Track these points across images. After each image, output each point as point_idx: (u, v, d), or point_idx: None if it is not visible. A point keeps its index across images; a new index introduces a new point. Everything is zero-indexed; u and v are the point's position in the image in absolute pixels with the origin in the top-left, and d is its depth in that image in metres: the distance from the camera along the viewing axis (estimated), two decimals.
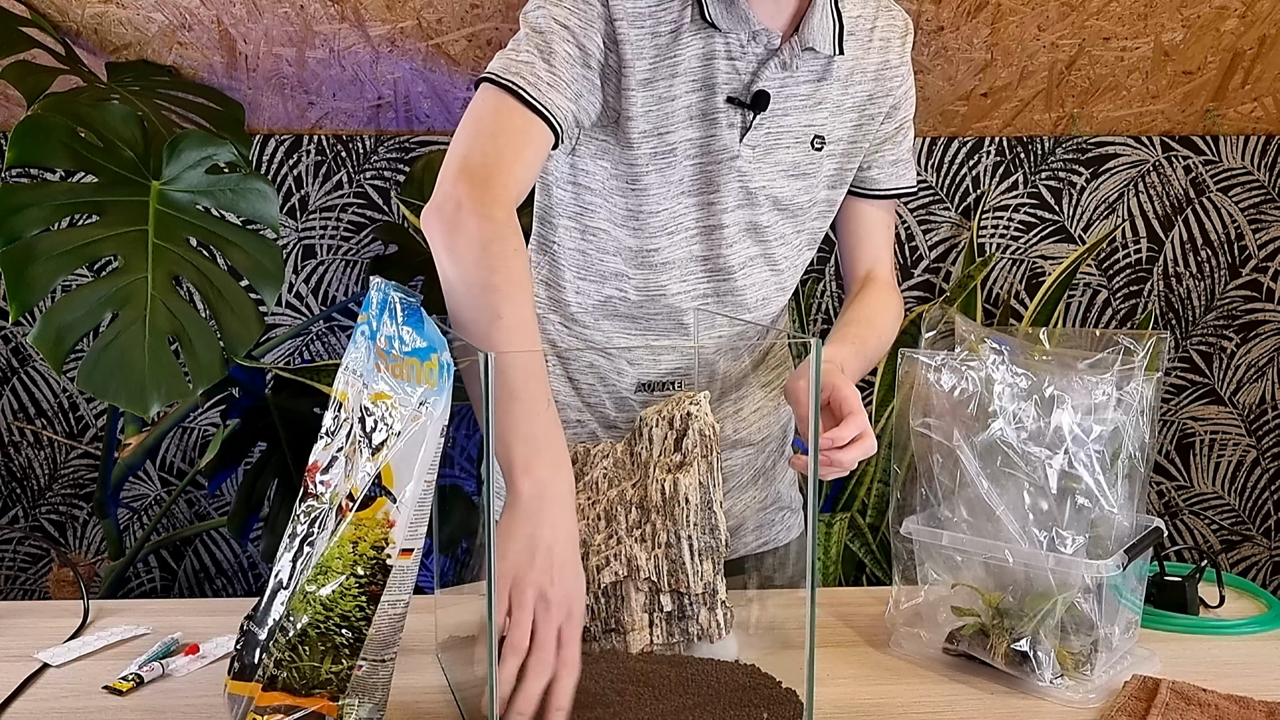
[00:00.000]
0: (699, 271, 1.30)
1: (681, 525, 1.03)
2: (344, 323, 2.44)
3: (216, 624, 1.21)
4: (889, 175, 1.37)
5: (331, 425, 1.01)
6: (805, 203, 1.31)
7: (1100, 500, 1.08)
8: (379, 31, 2.12)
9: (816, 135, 1.28)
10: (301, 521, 0.99)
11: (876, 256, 1.41)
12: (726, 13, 1.20)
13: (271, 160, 2.37)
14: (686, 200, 1.27)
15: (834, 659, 1.16)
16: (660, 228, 1.27)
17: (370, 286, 0.98)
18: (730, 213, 1.27)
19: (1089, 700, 1.07)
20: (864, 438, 1.12)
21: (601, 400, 1.35)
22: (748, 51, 1.22)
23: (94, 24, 2.09)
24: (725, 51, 1.22)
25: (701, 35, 1.21)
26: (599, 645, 1.05)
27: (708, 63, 1.22)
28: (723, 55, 1.22)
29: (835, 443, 1.10)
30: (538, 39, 1.17)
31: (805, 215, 1.32)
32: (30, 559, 2.50)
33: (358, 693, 0.93)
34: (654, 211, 1.26)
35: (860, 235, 1.40)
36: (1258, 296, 2.59)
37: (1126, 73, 2.30)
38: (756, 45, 1.22)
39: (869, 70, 1.30)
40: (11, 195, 1.68)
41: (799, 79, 1.26)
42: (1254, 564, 2.70)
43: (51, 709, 1.05)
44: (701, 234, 1.28)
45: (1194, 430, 2.64)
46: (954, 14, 2.14)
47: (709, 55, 1.22)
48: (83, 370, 1.61)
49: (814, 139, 1.28)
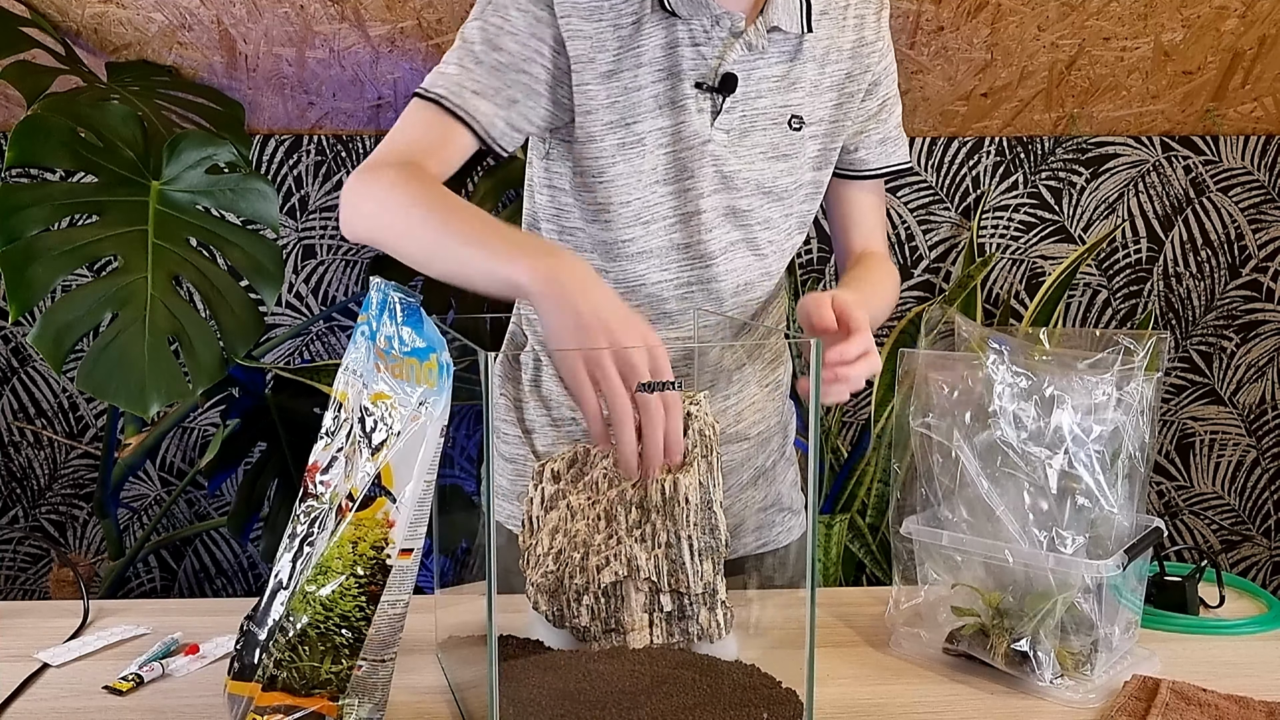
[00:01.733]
0: (679, 260, 1.29)
1: (681, 525, 1.03)
2: (344, 323, 2.44)
3: (216, 624, 1.21)
4: (877, 155, 1.37)
5: (331, 425, 1.01)
6: (790, 185, 1.30)
7: (1100, 500, 1.08)
8: (379, 31, 2.12)
9: (794, 115, 1.28)
10: (301, 521, 0.99)
11: (869, 237, 1.40)
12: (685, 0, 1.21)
13: (271, 160, 2.37)
14: (661, 189, 1.26)
15: (834, 659, 1.16)
16: (633, 218, 1.27)
17: (370, 287, 0.98)
18: (707, 198, 1.27)
19: (1089, 700, 1.07)
20: (870, 355, 1.12)
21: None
22: (712, 36, 1.23)
23: (94, 24, 2.09)
24: (689, 38, 1.23)
25: (663, 24, 1.22)
26: (599, 645, 1.05)
27: (671, 50, 1.23)
28: (686, 42, 1.23)
29: (843, 358, 1.11)
30: (464, 49, 1.20)
31: (791, 198, 1.31)
32: (30, 559, 2.50)
33: (358, 693, 0.93)
34: (625, 202, 1.26)
35: (854, 219, 1.40)
36: (1258, 296, 2.59)
37: (1126, 73, 2.30)
38: (720, 29, 1.23)
39: (845, 48, 1.30)
40: (11, 195, 1.68)
41: (770, 60, 1.26)
42: (1254, 564, 2.70)
43: (51, 709, 1.05)
44: (680, 221, 1.28)
45: (1194, 430, 2.64)
46: (954, 14, 2.14)
47: (672, 43, 1.23)
48: (83, 370, 1.61)
49: (791, 119, 1.28)
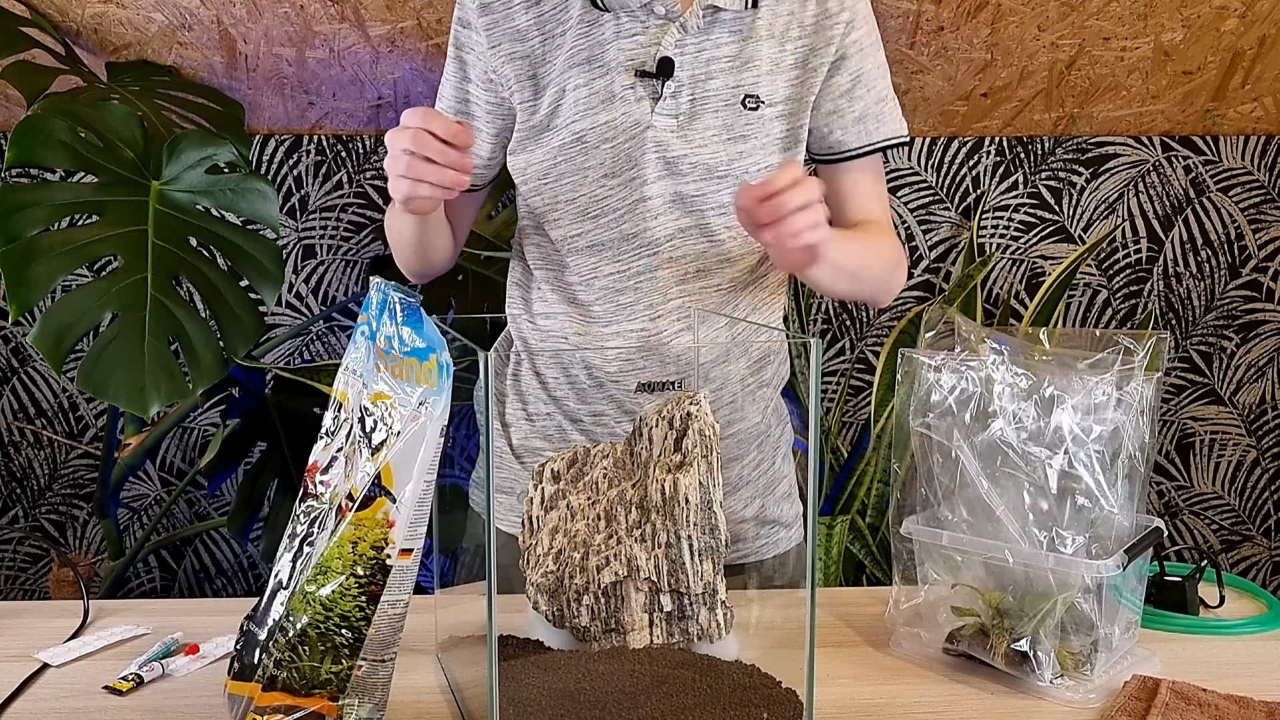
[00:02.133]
0: (630, 249, 1.30)
1: (681, 525, 1.03)
2: (344, 323, 2.44)
3: (216, 624, 1.21)
4: (855, 134, 1.32)
5: (331, 425, 1.01)
6: (750, 166, 1.27)
7: (1100, 500, 1.08)
8: (379, 31, 2.12)
9: (748, 95, 1.26)
10: (301, 521, 0.99)
11: (867, 211, 1.35)
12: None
13: (271, 160, 2.37)
14: (610, 182, 1.27)
15: (834, 659, 1.16)
16: (580, 213, 1.29)
17: (370, 287, 0.98)
18: (650, 184, 1.27)
19: (1089, 700, 1.07)
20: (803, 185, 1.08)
21: (566, 395, 1.36)
22: (648, 24, 1.24)
23: (94, 24, 2.09)
24: (617, 31, 1.24)
25: (592, 21, 1.25)
26: (599, 645, 1.05)
27: (601, 47, 1.24)
28: (616, 35, 1.24)
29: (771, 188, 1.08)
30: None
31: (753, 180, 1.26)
32: (30, 559, 2.50)
33: (357, 693, 0.93)
34: (571, 199, 1.28)
35: (842, 199, 1.35)
36: (1258, 296, 2.59)
37: (1126, 73, 2.30)
38: (655, 16, 1.24)
39: (807, 24, 1.28)
40: (11, 195, 1.68)
41: (718, 40, 1.25)
42: (1254, 564, 2.70)
43: (51, 709, 1.05)
44: (627, 211, 1.28)
45: (1194, 430, 2.64)
46: (954, 14, 2.14)
47: (602, 39, 1.24)
48: (83, 370, 1.61)
49: (745, 99, 1.26)
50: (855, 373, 2.55)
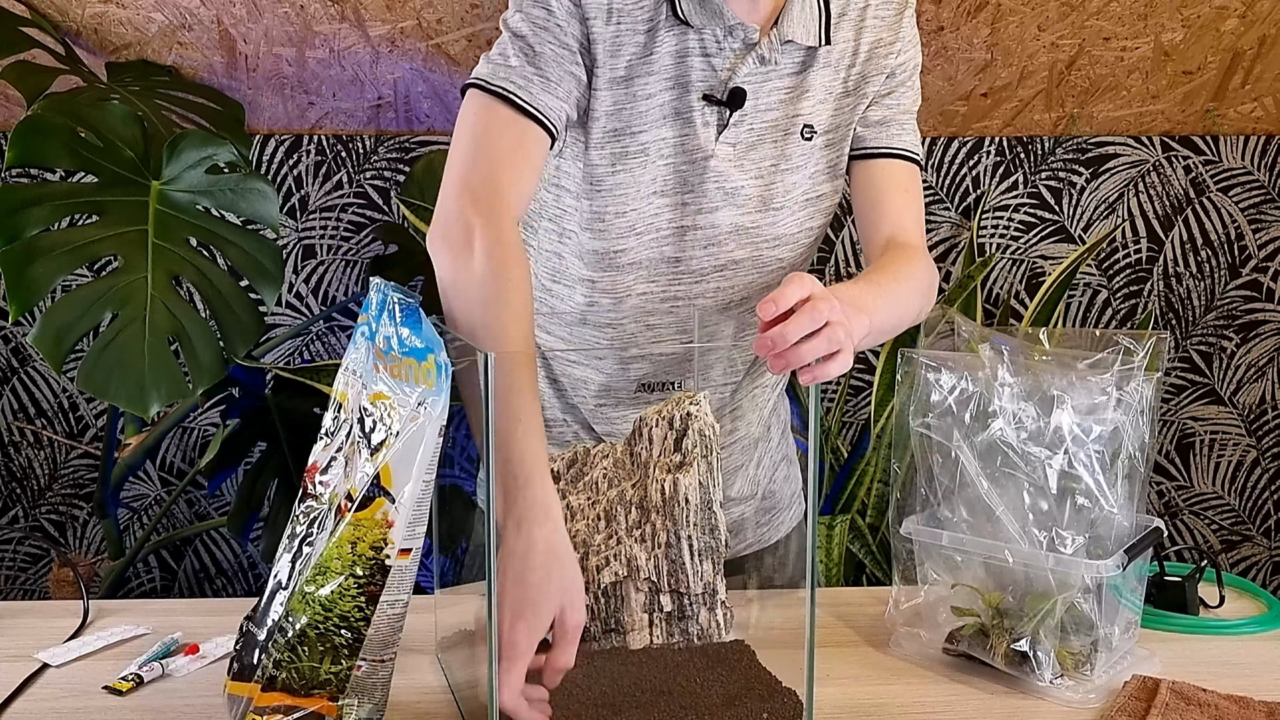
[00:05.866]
0: (668, 273, 1.25)
1: (681, 525, 1.03)
2: (344, 323, 2.44)
3: (216, 624, 1.21)
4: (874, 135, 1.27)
5: (331, 426, 1.01)
6: (799, 197, 1.25)
7: (1100, 500, 1.08)
8: (379, 31, 2.12)
9: (806, 125, 1.23)
10: (300, 522, 0.99)
11: (898, 220, 1.25)
12: (699, 8, 1.17)
13: (271, 160, 2.37)
14: (659, 201, 1.22)
15: (834, 659, 1.16)
16: (628, 229, 1.22)
17: (370, 287, 0.98)
18: (705, 214, 1.22)
19: (1089, 700, 1.07)
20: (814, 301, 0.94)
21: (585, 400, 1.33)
22: (724, 47, 1.19)
23: (94, 24, 2.09)
24: (700, 48, 1.19)
25: (675, 32, 1.18)
26: (599, 645, 1.05)
27: (681, 60, 1.19)
28: (697, 52, 1.19)
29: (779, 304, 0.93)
30: (520, 43, 1.16)
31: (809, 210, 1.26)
32: (30, 559, 2.50)
33: (357, 693, 0.93)
34: (620, 213, 1.22)
35: (870, 205, 1.26)
36: (1258, 296, 2.59)
37: (1126, 73, 2.30)
38: (733, 40, 1.19)
39: (861, 52, 1.25)
40: (11, 195, 1.68)
41: (782, 72, 1.22)
42: (1254, 564, 2.70)
43: (51, 709, 1.05)
44: (674, 235, 1.23)
45: (1194, 430, 2.64)
46: (954, 14, 2.14)
47: (683, 53, 1.19)
48: (83, 370, 1.61)
49: (804, 129, 1.23)
50: (855, 373, 2.55)
